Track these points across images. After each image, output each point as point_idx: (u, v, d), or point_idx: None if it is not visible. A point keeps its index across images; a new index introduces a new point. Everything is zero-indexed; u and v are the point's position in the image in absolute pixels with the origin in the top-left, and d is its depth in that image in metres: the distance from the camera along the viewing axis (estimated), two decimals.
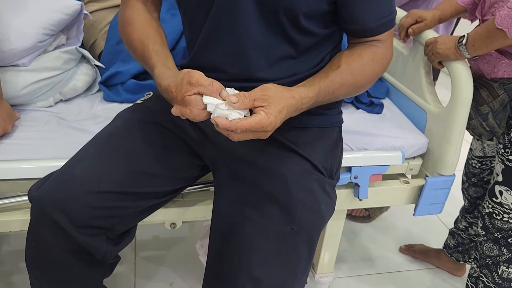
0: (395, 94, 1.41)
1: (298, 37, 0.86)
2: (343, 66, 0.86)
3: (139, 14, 0.93)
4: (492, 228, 1.28)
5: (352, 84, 0.87)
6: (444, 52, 1.14)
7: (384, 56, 0.90)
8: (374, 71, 0.89)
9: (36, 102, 1.15)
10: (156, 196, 0.93)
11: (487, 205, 1.28)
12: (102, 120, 1.12)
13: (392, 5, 0.88)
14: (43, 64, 1.13)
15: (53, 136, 1.05)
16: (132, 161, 0.90)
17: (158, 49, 0.87)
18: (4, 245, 1.59)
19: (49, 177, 0.89)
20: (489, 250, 1.30)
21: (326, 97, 0.85)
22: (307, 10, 0.82)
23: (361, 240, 1.79)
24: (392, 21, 0.89)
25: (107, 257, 0.90)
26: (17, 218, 1.00)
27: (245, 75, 0.88)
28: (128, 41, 0.92)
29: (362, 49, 0.89)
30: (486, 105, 1.18)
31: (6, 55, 1.03)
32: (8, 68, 1.08)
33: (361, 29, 0.87)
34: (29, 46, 1.07)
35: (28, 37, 1.06)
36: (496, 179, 1.23)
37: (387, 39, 0.90)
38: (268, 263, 0.82)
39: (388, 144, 1.20)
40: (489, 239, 1.29)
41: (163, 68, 0.82)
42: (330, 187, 0.93)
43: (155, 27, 0.92)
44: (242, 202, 0.86)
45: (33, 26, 1.08)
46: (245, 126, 0.71)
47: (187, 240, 1.69)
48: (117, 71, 1.24)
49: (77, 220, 0.83)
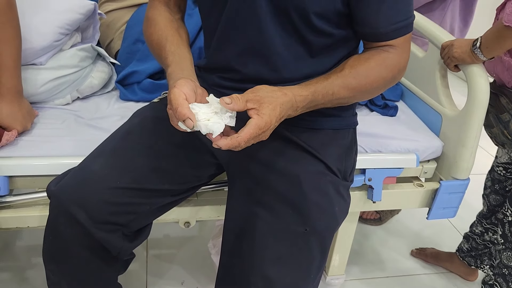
0: (410, 96, 1.41)
1: (311, 37, 0.85)
2: (347, 69, 0.85)
3: (161, 15, 0.94)
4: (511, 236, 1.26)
5: (355, 88, 0.85)
6: (460, 56, 1.13)
7: (395, 63, 0.87)
8: (381, 76, 0.87)
9: (54, 100, 1.17)
10: (172, 193, 0.94)
11: (509, 213, 1.25)
12: (118, 119, 1.14)
13: (409, 10, 0.85)
14: (60, 62, 1.15)
15: (70, 134, 1.07)
16: (149, 158, 0.91)
17: (174, 49, 0.88)
18: (17, 240, 1.61)
19: (67, 173, 0.90)
20: (507, 259, 1.28)
21: (326, 99, 0.83)
22: (318, 9, 0.81)
23: (372, 243, 1.78)
24: (407, 27, 0.86)
25: (122, 253, 0.91)
26: (35, 214, 1.02)
27: (259, 76, 0.88)
28: (149, 41, 0.94)
29: (371, 54, 0.87)
30: (507, 112, 1.17)
31: (25, 54, 1.05)
32: (26, 66, 1.10)
33: (373, 33, 0.85)
34: (46, 45, 1.09)
35: (45, 36, 1.09)
36: None
37: (402, 45, 0.86)
38: (281, 264, 0.82)
39: (402, 147, 1.19)
40: (508, 248, 1.27)
41: (176, 68, 0.83)
42: (344, 189, 0.93)
43: (175, 28, 0.93)
44: (255, 202, 0.86)
45: (49, 25, 1.10)
46: (246, 137, 0.72)
47: (198, 239, 1.70)
48: (133, 71, 1.26)
49: (95, 216, 0.84)
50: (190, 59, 0.89)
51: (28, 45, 1.05)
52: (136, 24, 1.30)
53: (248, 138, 0.72)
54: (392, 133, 1.23)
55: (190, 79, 0.79)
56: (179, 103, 0.72)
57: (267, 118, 0.74)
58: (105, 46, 1.38)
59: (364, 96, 0.91)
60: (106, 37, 1.37)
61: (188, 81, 0.77)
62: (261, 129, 0.73)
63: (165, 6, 0.97)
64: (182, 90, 0.74)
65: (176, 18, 0.98)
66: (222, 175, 1.04)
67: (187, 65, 0.85)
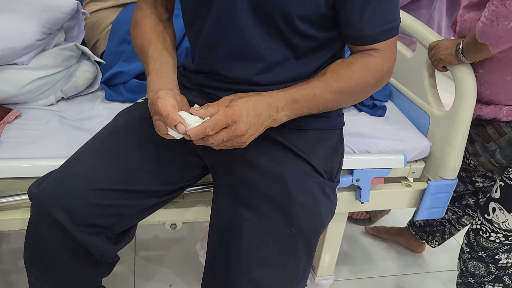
0: (398, 97, 1.41)
1: (296, 40, 0.85)
2: (329, 73, 0.85)
3: (146, 17, 0.95)
4: (477, 246, 1.25)
5: (337, 91, 0.85)
6: (447, 58, 1.13)
7: (379, 67, 0.86)
8: (364, 80, 0.86)
9: (37, 101, 1.14)
10: (156, 195, 0.93)
11: (476, 221, 1.25)
12: (103, 119, 1.12)
13: (394, 13, 0.84)
14: (43, 62, 1.13)
15: (54, 135, 1.05)
16: (133, 159, 0.89)
17: (156, 55, 0.89)
18: (3, 243, 1.59)
19: (49, 175, 0.89)
20: (474, 268, 1.27)
21: (308, 101, 0.83)
22: (302, 12, 0.81)
23: (361, 243, 1.78)
24: (393, 30, 0.84)
25: (105, 256, 0.89)
26: (17, 217, 1.00)
27: (244, 79, 0.88)
28: (134, 44, 0.95)
29: (355, 58, 0.87)
30: (493, 142, 1.16)
31: (5, 53, 1.03)
32: (7, 66, 1.08)
33: (357, 35, 0.85)
34: (28, 44, 1.07)
35: (26, 35, 1.06)
36: (493, 196, 1.20)
37: (387, 49, 0.86)
38: (267, 266, 0.81)
39: (390, 147, 1.19)
40: (474, 257, 1.27)
41: (154, 77, 0.85)
42: (330, 190, 0.92)
43: (159, 31, 0.93)
44: (241, 203, 0.85)
45: (31, 24, 1.08)
46: (212, 122, 0.74)
47: (187, 240, 1.69)
48: (119, 71, 1.24)
49: (77, 218, 0.83)
50: (173, 63, 0.90)
51: (8, 44, 1.03)
52: (121, 25, 1.29)
53: (215, 123, 0.74)
54: (380, 133, 1.23)
55: (169, 88, 0.82)
56: (169, 110, 0.76)
57: (236, 108, 0.75)
58: (90, 46, 1.36)
59: (348, 100, 0.91)
60: (91, 38, 1.35)
61: (169, 91, 0.80)
62: (232, 118, 0.74)
63: (152, 8, 0.96)
64: (168, 100, 0.77)
65: (163, 19, 0.97)
66: (208, 176, 1.03)
67: (167, 72, 0.87)
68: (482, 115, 1.16)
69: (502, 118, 1.12)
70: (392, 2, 0.83)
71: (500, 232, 1.19)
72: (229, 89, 0.89)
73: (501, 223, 1.18)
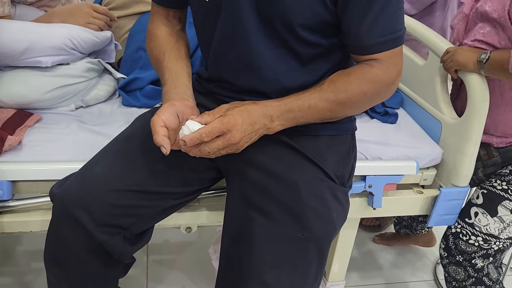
0: (410, 104, 1.42)
1: (300, 48, 0.86)
2: (327, 83, 0.85)
3: (160, 30, 0.97)
4: (455, 249, 1.26)
5: (333, 102, 0.85)
6: (465, 61, 1.15)
7: (377, 78, 0.85)
8: (361, 91, 0.85)
9: (58, 107, 1.18)
10: (173, 196, 0.95)
11: (455, 225, 1.26)
12: (121, 124, 1.14)
13: (397, 24, 0.83)
14: (65, 71, 1.16)
15: (73, 139, 1.08)
16: (151, 161, 0.91)
17: (171, 65, 0.91)
18: (18, 245, 1.62)
19: (70, 177, 0.91)
20: (455, 273, 1.29)
21: (304, 111, 0.84)
22: (302, 21, 0.81)
23: (372, 249, 1.79)
24: (394, 41, 0.83)
25: (123, 256, 0.91)
26: (38, 219, 1.02)
27: (251, 87, 0.90)
28: (149, 56, 0.99)
29: (354, 68, 0.86)
30: (481, 161, 1.24)
31: (32, 46, 1.08)
32: (31, 72, 1.12)
33: (356, 45, 0.84)
34: (54, 44, 1.11)
35: (55, 36, 1.11)
36: (475, 201, 1.23)
37: (388, 59, 0.84)
38: (279, 269, 0.82)
39: (402, 154, 1.20)
40: (451, 262, 1.28)
41: (170, 87, 0.88)
42: (342, 195, 0.93)
43: (173, 42, 0.96)
44: (253, 207, 0.87)
45: (61, 29, 1.14)
46: (208, 129, 0.75)
47: (199, 244, 1.70)
48: (136, 77, 1.27)
49: (97, 218, 0.85)
50: (187, 73, 0.92)
51: (36, 38, 1.09)
52: (138, 33, 1.32)
53: (210, 131, 0.75)
54: (392, 140, 1.24)
55: (180, 98, 0.84)
56: (155, 131, 0.78)
57: (232, 117, 0.77)
58: None
59: (347, 111, 0.91)
60: None
61: (173, 104, 0.82)
62: (227, 127, 0.76)
63: (165, 19, 0.99)
64: (161, 117, 0.79)
65: (176, 30, 1.00)
66: (223, 180, 1.04)
67: (182, 82, 0.89)
68: None
69: (494, 144, 1.22)
70: (395, 13, 0.82)
71: (480, 236, 1.21)
72: (238, 98, 0.90)
73: (483, 227, 1.21)
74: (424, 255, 1.78)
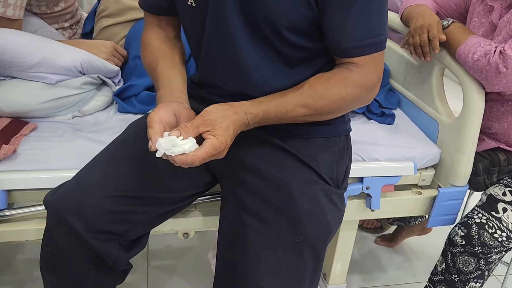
0: (407, 104, 1.41)
1: (287, 51, 0.85)
2: (305, 87, 0.84)
3: (154, 37, 0.97)
4: (478, 240, 1.18)
5: (311, 107, 0.84)
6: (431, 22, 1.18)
7: (357, 83, 0.83)
8: (340, 97, 0.84)
9: (54, 116, 1.18)
10: (168, 202, 0.95)
11: (479, 216, 1.20)
12: (117, 131, 1.14)
13: (378, 28, 0.81)
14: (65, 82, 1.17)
15: (69, 147, 1.07)
16: (144, 166, 0.91)
17: (164, 71, 0.91)
18: (18, 254, 1.61)
19: (64, 184, 0.91)
20: (463, 264, 1.22)
21: (279, 116, 0.83)
22: (288, 24, 0.81)
23: (373, 251, 1.78)
24: (375, 46, 0.82)
25: (118, 263, 0.91)
26: (33, 227, 1.02)
27: (240, 91, 0.89)
28: (144, 64, 0.98)
29: (333, 72, 0.85)
30: (498, 167, 1.23)
31: (43, 61, 1.10)
32: (32, 82, 1.13)
33: (336, 48, 0.83)
34: (65, 65, 1.14)
35: (67, 57, 1.15)
36: (502, 198, 1.20)
37: (368, 64, 0.83)
38: (275, 273, 0.82)
39: (400, 155, 1.20)
40: (466, 251, 1.20)
41: (165, 91, 0.86)
42: (336, 197, 0.92)
43: (167, 50, 0.96)
44: (247, 211, 0.86)
45: (75, 52, 1.18)
46: (201, 156, 0.73)
47: (199, 250, 1.70)
48: (131, 84, 1.27)
49: (91, 225, 0.85)
50: (182, 79, 0.91)
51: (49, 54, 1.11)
52: (134, 40, 1.32)
53: (204, 157, 0.74)
54: (390, 141, 1.24)
55: (176, 101, 0.82)
56: (150, 125, 0.76)
57: (222, 138, 0.75)
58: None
59: (324, 117, 0.89)
60: None
61: (169, 104, 0.80)
62: (217, 149, 0.75)
63: (157, 28, 0.98)
64: (158, 114, 0.77)
65: (170, 38, 0.99)
66: (219, 185, 1.04)
67: (177, 86, 0.88)
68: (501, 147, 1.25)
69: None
70: (375, 17, 0.81)
71: (506, 232, 1.18)
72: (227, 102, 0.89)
73: (510, 224, 1.18)
74: (426, 257, 1.77)
